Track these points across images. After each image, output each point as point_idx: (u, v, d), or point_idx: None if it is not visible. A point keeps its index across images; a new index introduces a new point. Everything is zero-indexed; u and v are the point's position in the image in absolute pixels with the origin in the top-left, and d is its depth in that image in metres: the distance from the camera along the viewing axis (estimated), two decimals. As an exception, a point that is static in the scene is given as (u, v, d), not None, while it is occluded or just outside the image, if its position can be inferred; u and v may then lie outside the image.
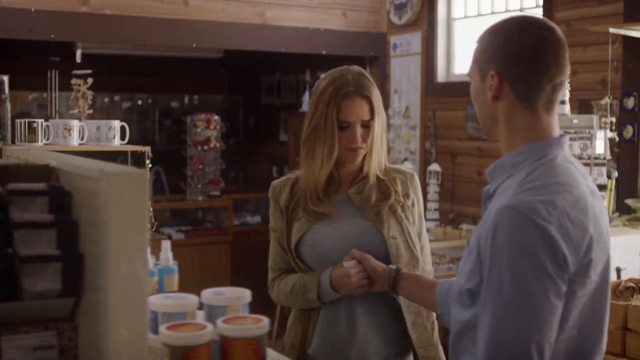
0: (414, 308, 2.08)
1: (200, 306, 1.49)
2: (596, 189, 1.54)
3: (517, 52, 1.46)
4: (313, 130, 2.12)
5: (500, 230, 1.37)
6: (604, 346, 1.49)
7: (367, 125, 2.11)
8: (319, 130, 2.10)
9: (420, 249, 2.15)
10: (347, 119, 2.09)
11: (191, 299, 1.48)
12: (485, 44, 1.52)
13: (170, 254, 1.96)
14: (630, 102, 3.91)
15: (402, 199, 2.14)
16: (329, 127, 2.09)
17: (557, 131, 1.52)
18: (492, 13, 5.01)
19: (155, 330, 1.41)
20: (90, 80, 3.91)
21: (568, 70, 1.50)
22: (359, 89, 2.10)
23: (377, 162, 2.14)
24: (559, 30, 1.50)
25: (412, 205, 2.17)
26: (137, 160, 3.69)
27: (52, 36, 4.58)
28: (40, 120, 3.55)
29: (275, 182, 2.24)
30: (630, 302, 2.87)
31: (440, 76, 5.30)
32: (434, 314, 2.12)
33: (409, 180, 2.17)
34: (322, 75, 2.20)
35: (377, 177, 2.14)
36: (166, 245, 1.96)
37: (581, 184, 1.45)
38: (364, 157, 2.13)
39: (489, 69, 1.49)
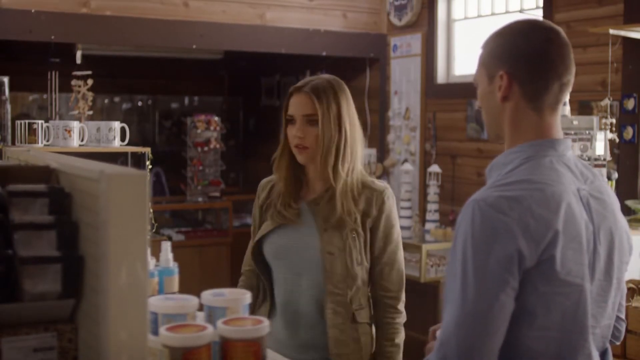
0: (339, 325, 2.11)
1: (201, 307, 1.49)
2: (602, 196, 1.54)
3: (525, 53, 1.50)
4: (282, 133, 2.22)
5: (462, 223, 1.42)
6: (589, 351, 1.48)
7: (311, 121, 2.12)
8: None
9: (375, 267, 2.16)
10: (290, 112, 2.16)
11: (191, 300, 1.48)
12: (492, 47, 1.55)
13: (170, 255, 1.96)
14: (630, 104, 3.91)
15: (356, 220, 2.12)
16: (282, 124, 2.19)
17: (558, 133, 1.54)
18: (492, 14, 5.01)
19: (155, 332, 1.41)
20: (90, 82, 3.91)
21: (574, 70, 1.53)
22: (306, 87, 2.14)
23: (330, 169, 2.11)
24: (563, 32, 1.54)
25: (376, 223, 2.14)
26: (137, 161, 3.69)
27: (52, 37, 4.58)
28: (40, 122, 3.55)
29: (264, 179, 2.33)
30: (630, 304, 2.88)
31: (440, 77, 5.30)
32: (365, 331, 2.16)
33: (375, 198, 2.14)
34: None
35: (342, 191, 2.12)
36: (166, 246, 1.96)
37: (565, 185, 1.46)
38: (325, 162, 2.12)
39: (497, 70, 1.52)
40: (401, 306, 2.20)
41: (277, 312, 2.20)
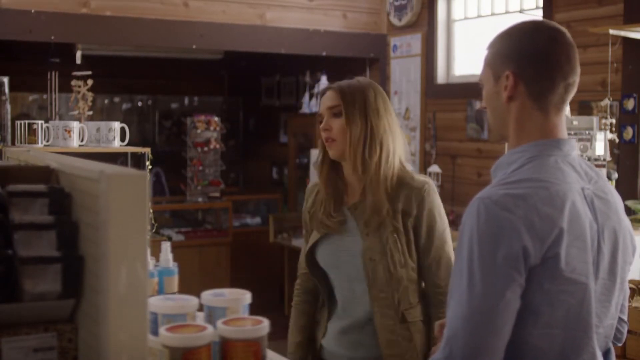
0: (390, 327, 2.10)
1: (200, 308, 1.49)
2: (606, 196, 1.55)
3: (531, 53, 1.51)
4: None
5: (468, 220, 1.43)
6: (593, 349, 1.49)
7: (335, 113, 2.12)
8: None
9: (424, 264, 2.13)
10: (320, 110, 2.17)
11: (191, 300, 1.48)
12: (498, 47, 1.56)
13: (170, 256, 1.96)
14: (630, 104, 3.91)
15: (396, 220, 2.09)
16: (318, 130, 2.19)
17: (563, 133, 1.55)
18: (492, 14, 5.01)
19: (155, 332, 1.41)
20: (90, 82, 3.91)
21: (579, 71, 1.54)
22: (334, 84, 2.17)
23: (359, 160, 2.09)
24: (568, 32, 1.54)
25: (418, 222, 2.11)
26: (137, 161, 3.68)
27: (52, 37, 4.58)
28: (40, 122, 3.55)
29: (310, 184, 2.32)
30: (630, 304, 2.87)
31: (440, 77, 5.30)
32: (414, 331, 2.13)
33: (414, 196, 2.10)
34: None
35: (371, 183, 2.09)
36: (166, 246, 1.96)
37: (569, 184, 1.47)
38: (354, 153, 2.10)
39: (503, 71, 1.53)
40: None
41: (336, 314, 2.21)
